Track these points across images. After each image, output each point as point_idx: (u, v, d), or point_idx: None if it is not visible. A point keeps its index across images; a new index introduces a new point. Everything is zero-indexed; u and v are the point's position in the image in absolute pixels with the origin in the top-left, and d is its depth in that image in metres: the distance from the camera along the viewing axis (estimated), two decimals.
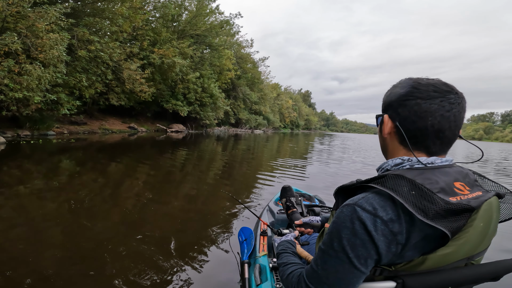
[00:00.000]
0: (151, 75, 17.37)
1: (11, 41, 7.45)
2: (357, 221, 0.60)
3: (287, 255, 0.94)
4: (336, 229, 0.63)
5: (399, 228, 0.58)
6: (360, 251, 0.60)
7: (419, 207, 0.57)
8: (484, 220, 0.61)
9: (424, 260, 0.60)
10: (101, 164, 5.82)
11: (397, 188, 0.60)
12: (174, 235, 2.35)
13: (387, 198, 0.61)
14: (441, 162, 0.68)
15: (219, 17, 28.27)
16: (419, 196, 0.58)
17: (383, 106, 0.76)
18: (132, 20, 14.57)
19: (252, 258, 1.55)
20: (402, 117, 0.69)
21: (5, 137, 9.56)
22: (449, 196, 0.61)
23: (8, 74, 7.58)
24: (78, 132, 13.88)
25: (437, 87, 0.66)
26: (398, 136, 0.72)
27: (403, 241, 0.59)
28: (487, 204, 0.62)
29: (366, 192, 0.65)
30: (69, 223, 2.50)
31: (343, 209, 0.64)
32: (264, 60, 45.89)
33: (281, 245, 1.03)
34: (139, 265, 1.83)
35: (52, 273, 1.68)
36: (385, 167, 0.73)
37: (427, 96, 0.66)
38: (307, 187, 4.33)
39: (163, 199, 3.51)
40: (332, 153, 11.71)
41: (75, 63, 11.86)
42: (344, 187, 0.74)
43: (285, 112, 66.50)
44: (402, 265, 0.62)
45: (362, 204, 0.61)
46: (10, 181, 3.82)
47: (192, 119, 24.67)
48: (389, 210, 0.59)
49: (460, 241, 0.59)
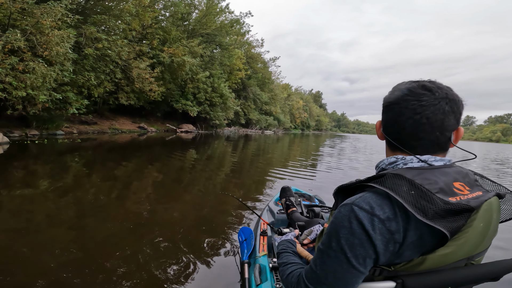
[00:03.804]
0: (161, 74, 17.19)
1: (14, 39, 7.21)
2: (355, 221, 0.60)
3: (288, 255, 0.94)
4: (334, 229, 0.63)
5: (396, 227, 0.59)
6: (359, 251, 0.59)
7: (418, 207, 0.57)
8: (484, 220, 0.61)
9: (424, 260, 0.60)
10: (105, 167, 5.48)
11: (396, 187, 0.60)
12: (174, 236, 2.34)
13: (384, 197, 0.61)
14: (435, 160, 0.67)
15: (229, 16, 28.02)
16: (418, 196, 0.58)
17: (382, 110, 0.78)
18: (141, 18, 14.36)
19: (252, 258, 1.55)
20: (385, 121, 0.74)
21: (12, 136, 9.45)
22: (449, 196, 0.60)
23: (11, 72, 7.34)
24: (88, 132, 13.78)
25: (412, 91, 0.67)
26: (386, 139, 0.75)
27: (400, 239, 0.59)
28: (487, 204, 0.62)
29: (364, 192, 0.65)
30: (74, 224, 2.49)
31: (341, 209, 0.64)
32: (275, 60, 45.37)
33: (282, 245, 1.03)
34: (139, 265, 1.84)
35: (60, 274, 1.67)
36: (381, 165, 0.74)
37: (402, 101, 0.68)
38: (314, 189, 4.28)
39: (167, 200, 3.49)
40: (342, 155, 11.22)
41: (84, 62, 11.67)
42: (343, 186, 0.74)
43: (296, 112, 65.74)
44: (401, 265, 0.62)
45: (359, 203, 0.62)
46: (5, 185, 3.51)
47: (202, 119, 24.48)
48: (386, 209, 0.60)
49: (460, 241, 0.59)
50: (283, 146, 15.41)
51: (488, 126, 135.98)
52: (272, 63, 45.11)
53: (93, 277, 1.67)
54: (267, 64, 42.66)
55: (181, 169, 5.73)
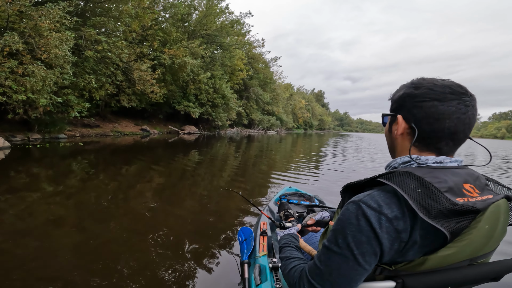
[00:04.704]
0: (162, 76, 17.11)
1: (12, 41, 7.12)
2: (363, 218, 0.59)
3: (290, 249, 0.92)
4: (341, 226, 0.63)
5: (403, 226, 0.58)
6: (365, 248, 0.59)
7: (422, 205, 0.56)
8: (490, 222, 0.60)
9: (425, 261, 0.59)
10: (107, 170, 5.36)
11: (404, 184, 0.59)
12: (174, 236, 2.35)
13: (392, 195, 0.61)
14: (450, 162, 0.67)
15: (229, 17, 27.93)
16: (425, 194, 0.58)
17: (394, 106, 0.74)
18: (140, 20, 14.28)
19: (252, 258, 1.54)
20: (417, 118, 0.68)
21: (14, 140, 9.40)
22: (457, 196, 0.60)
23: (11, 75, 7.25)
24: (90, 135, 13.73)
25: (453, 89, 0.65)
26: (410, 137, 0.71)
27: (406, 239, 0.59)
28: (494, 206, 0.61)
29: (372, 189, 0.65)
30: (77, 227, 2.47)
31: (348, 206, 0.63)
32: (276, 60, 45.15)
33: (284, 239, 1.01)
34: (140, 266, 1.85)
35: (63, 278, 1.67)
36: (393, 164, 0.73)
37: (444, 98, 0.65)
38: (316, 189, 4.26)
39: (169, 202, 3.46)
40: (346, 154, 10.97)
41: (84, 64, 11.59)
42: (351, 184, 0.73)
43: (298, 112, 65.48)
44: (402, 265, 0.61)
45: (367, 201, 0.61)
46: (5, 191, 3.40)
47: (204, 121, 24.39)
48: (394, 208, 0.59)
49: (463, 243, 0.58)
50: (286, 146, 15.25)
51: (493, 123, 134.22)
52: (274, 63, 44.95)
53: (96, 279, 1.67)
54: (269, 64, 42.49)
55: (183, 172, 5.61)
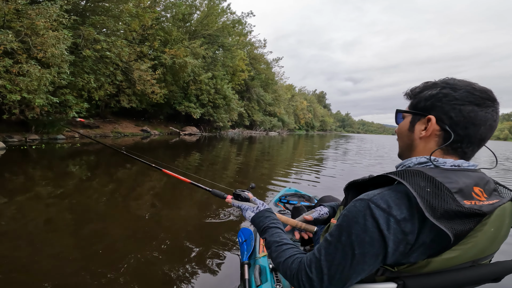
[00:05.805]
0: (163, 76, 16.91)
1: (6, 39, 6.92)
2: (370, 218, 0.58)
3: (278, 232, 0.84)
4: (347, 222, 0.61)
5: (411, 228, 0.57)
6: (367, 249, 0.58)
7: (429, 205, 0.55)
8: (495, 225, 0.61)
9: (428, 263, 0.59)
10: (105, 172, 5.13)
11: (414, 183, 0.58)
12: (173, 237, 2.34)
13: (403, 195, 0.59)
14: (468, 166, 0.66)
15: (230, 17, 27.75)
16: (433, 194, 0.57)
17: (422, 104, 0.70)
18: (141, 19, 14.09)
19: (252, 259, 1.53)
20: (454, 122, 0.65)
21: (11, 141, 9.20)
22: (465, 199, 0.59)
23: (6, 74, 7.06)
24: (90, 136, 13.54)
25: (489, 95, 0.64)
26: (438, 139, 0.68)
27: (412, 241, 0.58)
28: (500, 209, 0.62)
29: (382, 188, 0.63)
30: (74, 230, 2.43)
31: (356, 203, 0.62)
32: (278, 61, 44.93)
33: (266, 217, 0.90)
34: (140, 268, 1.82)
35: (61, 281, 1.65)
36: (407, 164, 0.71)
37: (483, 104, 0.63)
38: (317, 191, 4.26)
39: (169, 203, 3.46)
40: (348, 155, 10.72)
41: (83, 64, 11.39)
42: (355, 182, 0.72)
43: (300, 113, 65.23)
44: (405, 266, 0.61)
45: (377, 200, 0.59)
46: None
47: (205, 122, 24.18)
48: (404, 209, 0.58)
49: (467, 245, 0.58)
50: (288, 147, 15.02)
51: None
52: (275, 64, 44.74)
53: (96, 281, 1.65)
54: (270, 64, 42.27)
55: (184, 173, 5.38)
